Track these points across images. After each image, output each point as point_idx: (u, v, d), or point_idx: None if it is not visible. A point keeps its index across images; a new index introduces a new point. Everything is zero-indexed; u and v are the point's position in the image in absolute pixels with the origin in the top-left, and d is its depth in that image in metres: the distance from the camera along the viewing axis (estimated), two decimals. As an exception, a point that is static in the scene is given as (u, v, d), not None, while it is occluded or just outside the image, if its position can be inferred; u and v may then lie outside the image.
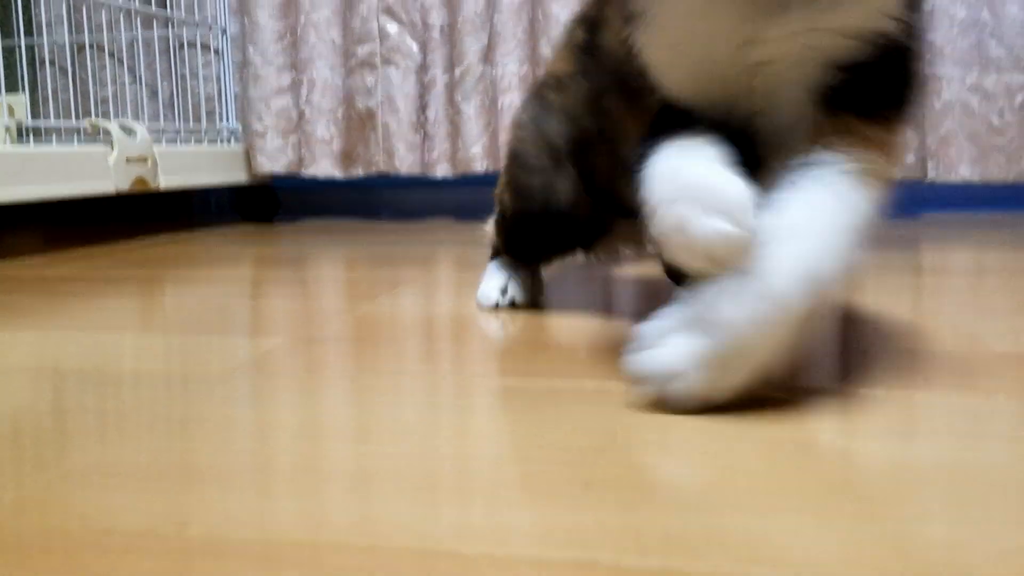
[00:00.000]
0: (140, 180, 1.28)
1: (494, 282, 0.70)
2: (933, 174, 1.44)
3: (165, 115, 1.63)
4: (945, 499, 0.31)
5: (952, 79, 1.42)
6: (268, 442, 0.39)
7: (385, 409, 0.43)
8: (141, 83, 1.65)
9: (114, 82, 1.66)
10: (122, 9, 1.50)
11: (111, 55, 1.65)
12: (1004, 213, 1.47)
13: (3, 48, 1.52)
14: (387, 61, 1.50)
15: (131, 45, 1.65)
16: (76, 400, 0.46)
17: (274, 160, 1.53)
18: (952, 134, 1.44)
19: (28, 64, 1.69)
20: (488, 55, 1.48)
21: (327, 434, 0.40)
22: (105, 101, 1.65)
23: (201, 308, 0.73)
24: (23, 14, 1.48)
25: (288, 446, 0.38)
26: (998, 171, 1.42)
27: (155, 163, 1.31)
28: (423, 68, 1.52)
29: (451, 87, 1.52)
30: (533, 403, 0.43)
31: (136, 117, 1.65)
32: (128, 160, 1.25)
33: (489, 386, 0.47)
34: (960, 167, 1.44)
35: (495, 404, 0.44)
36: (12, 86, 1.62)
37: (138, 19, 1.61)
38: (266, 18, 1.52)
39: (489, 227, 0.73)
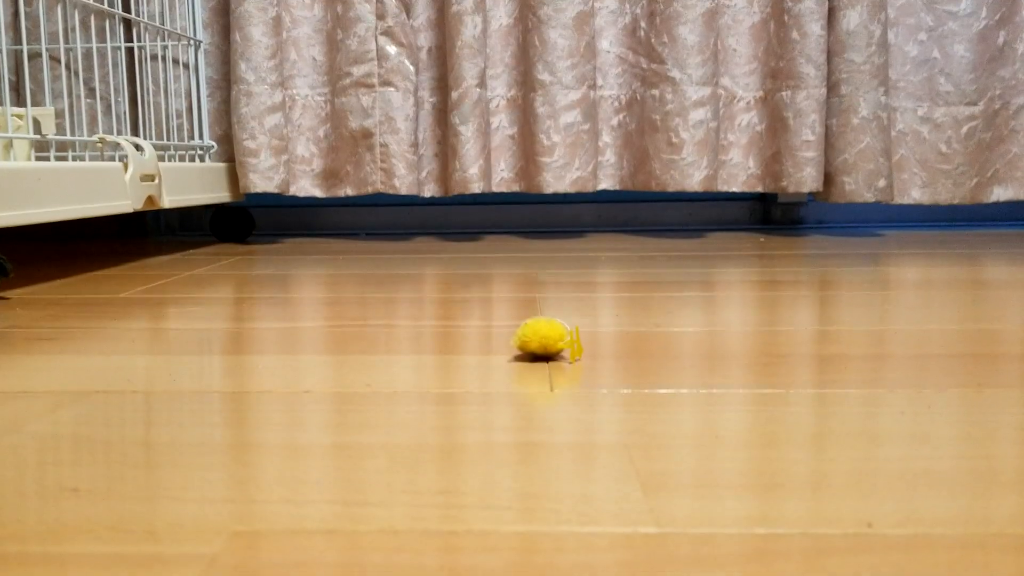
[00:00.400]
0: (151, 199, 1.21)
1: None
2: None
3: (126, 130, 1.54)
4: (899, 487, 0.36)
5: (906, 111, 1.56)
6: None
7: (375, 427, 0.45)
8: (98, 96, 1.55)
9: (69, 94, 1.55)
10: (78, 10, 1.41)
11: (67, 67, 1.54)
12: (950, 232, 1.62)
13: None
14: (386, 82, 1.48)
15: (88, 55, 1.55)
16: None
17: (268, 179, 1.48)
18: (905, 160, 1.58)
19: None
20: (483, 79, 1.50)
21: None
22: (60, 114, 1.54)
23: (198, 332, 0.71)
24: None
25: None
26: (946, 194, 1.58)
27: (161, 181, 1.24)
28: (417, 89, 1.52)
29: (442, 109, 1.52)
30: (531, 405, 0.47)
31: (91, 131, 1.55)
32: (141, 178, 1.18)
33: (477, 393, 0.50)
34: (912, 190, 1.59)
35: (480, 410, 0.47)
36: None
37: (106, 28, 1.52)
38: (259, 34, 1.47)
39: None
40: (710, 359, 0.59)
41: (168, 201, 1.26)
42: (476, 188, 1.49)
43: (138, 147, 1.20)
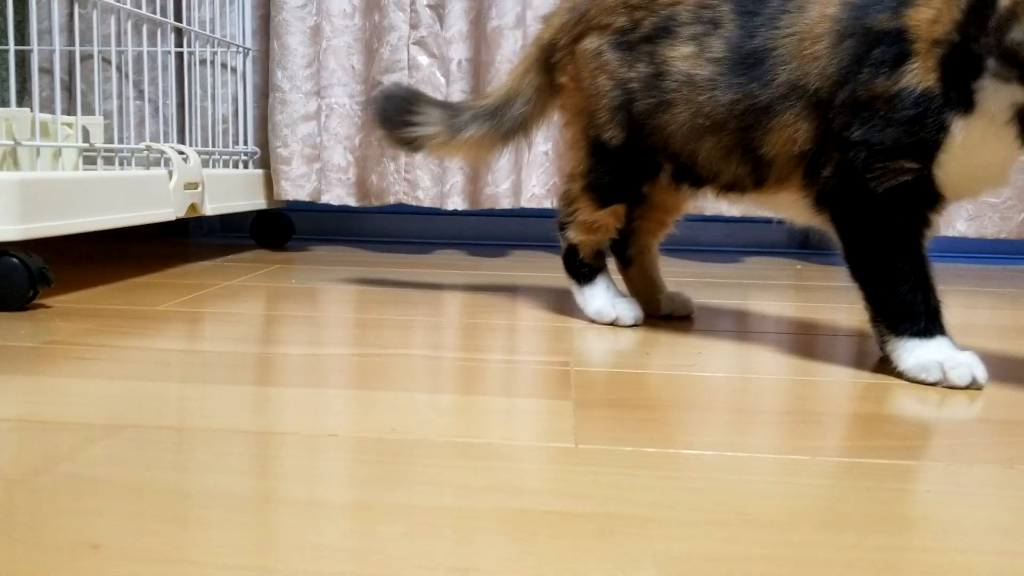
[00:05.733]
0: (193, 207, 1.23)
1: None
2: (937, 228, 1.54)
3: (175, 135, 1.57)
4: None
5: (953, 141, 1.53)
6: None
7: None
8: (146, 99, 1.57)
9: (119, 96, 1.58)
10: (131, 17, 1.43)
11: (117, 68, 1.57)
12: (992, 266, 1.59)
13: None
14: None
15: (139, 59, 1.57)
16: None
17: (299, 187, 1.51)
18: (950, 191, 1.55)
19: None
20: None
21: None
22: (108, 115, 1.56)
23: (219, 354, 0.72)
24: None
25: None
26: (992, 227, 1.55)
27: (204, 188, 1.26)
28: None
29: (486, 122, 1.52)
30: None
31: (139, 135, 1.58)
32: (184, 186, 1.20)
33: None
34: (957, 223, 1.56)
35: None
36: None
37: (157, 33, 1.54)
38: (296, 43, 1.49)
39: None
40: (739, 413, 0.58)
41: (210, 209, 1.28)
42: (507, 204, 1.50)
43: (183, 154, 1.22)
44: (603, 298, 0.91)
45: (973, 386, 0.66)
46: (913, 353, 0.68)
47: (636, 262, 0.96)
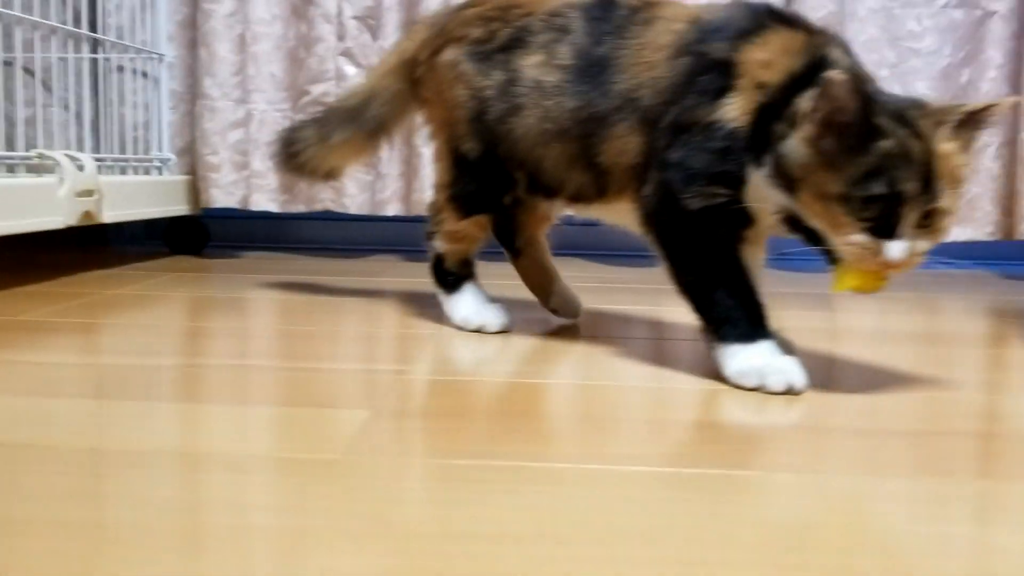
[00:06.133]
0: (88, 214, 1.23)
1: None
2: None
3: (90, 141, 1.56)
4: None
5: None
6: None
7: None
8: (66, 107, 1.56)
9: (33, 104, 1.57)
10: (50, 29, 1.43)
11: (25, 71, 1.56)
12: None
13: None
14: (340, 100, 1.50)
15: (54, 66, 1.57)
16: None
17: (229, 194, 1.51)
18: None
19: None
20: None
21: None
22: (24, 123, 1.55)
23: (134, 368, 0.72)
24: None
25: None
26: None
27: (101, 196, 1.25)
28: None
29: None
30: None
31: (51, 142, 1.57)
32: (77, 194, 1.19)
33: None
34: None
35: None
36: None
37: (70, 40, 1.53)
38: (225, 51, 1.49)
39: None
40: (548, 421, 0.58)
41: (108, 216, 1.28)
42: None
43: (76, 161, 1.22)
44: (469, 306, 0.91)
45: (790, 392, 0.66)
46: (735, 358, 0.69)
47: (525, 253, 0.95)
